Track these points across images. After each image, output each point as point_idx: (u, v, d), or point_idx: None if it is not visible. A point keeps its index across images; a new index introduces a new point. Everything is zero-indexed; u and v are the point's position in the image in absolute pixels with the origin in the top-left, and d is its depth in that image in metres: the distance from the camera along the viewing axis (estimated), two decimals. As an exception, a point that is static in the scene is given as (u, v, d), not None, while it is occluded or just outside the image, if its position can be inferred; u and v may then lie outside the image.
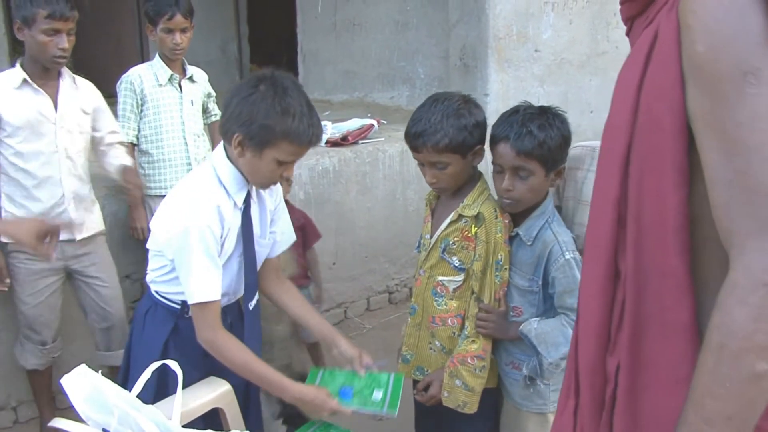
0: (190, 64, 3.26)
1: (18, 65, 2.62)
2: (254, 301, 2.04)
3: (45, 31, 2.51)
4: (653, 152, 1.01)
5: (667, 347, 1.01)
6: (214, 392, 1.85)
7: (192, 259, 1.78)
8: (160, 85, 3.12)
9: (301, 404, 1.91)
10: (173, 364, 1.52)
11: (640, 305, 1.05)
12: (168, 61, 3.14)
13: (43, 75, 2.63)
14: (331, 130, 4.11)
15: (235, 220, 1.90)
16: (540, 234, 1.95)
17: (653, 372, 1.04)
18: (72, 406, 1.41)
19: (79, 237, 2.74)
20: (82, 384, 1.42)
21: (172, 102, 3.13)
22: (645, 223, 1.03)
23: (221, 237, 1.84)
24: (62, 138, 2.65)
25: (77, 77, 2.79)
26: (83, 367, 1.46)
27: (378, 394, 1.97)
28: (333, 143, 3.97)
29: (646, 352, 1.05)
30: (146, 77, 3.10)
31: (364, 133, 4.17)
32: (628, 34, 1.16)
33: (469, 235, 2.00)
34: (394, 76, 5.46)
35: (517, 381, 2.08)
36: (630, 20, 1.14)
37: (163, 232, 1.86)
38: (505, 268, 2.00)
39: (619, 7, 1.16)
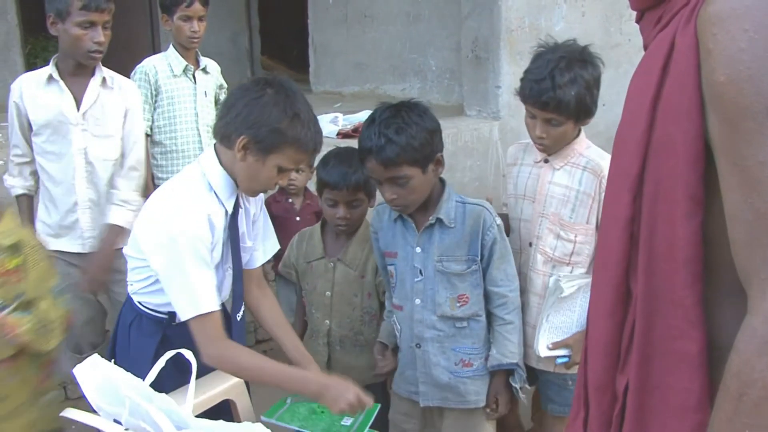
0: (201, 55, 3.26)
1: (51, 62, 2.51)
2: (241, 312, 1.94)
3: (79, 24, 2.36)
4: (667, 177, 0.96)
5: (676, 375, 0.98)
6: (224, 384, 1.86)
7: (185, 271, 1.67)
8: (175, 75, 3.12)
9: (325, 390, 1.71)
10: (187, 353, 1.52)
11: (650, 330, 1.01)
12: (183, 50, 3.14)
13: (75, 72, 2.50)
14: (342, 121, 4.10)
15: (223, 229, 1.81)
16: (461, 212, 1.96)
17: (662, 397, 1.01)
18: (84, 396, 1.42)
19: (88, 251, 2.53)
20: (94, 374, 1.43)
21: (186, 93, 3.13)
22: (657, 248, 0.99)
23: (211, 246, 1.74)
24: (80, 140, 2.49)
25: (117, 77, 2.61)
26: (96, 357, 1.46)
27: (348, 420, 1.85)
28: (344, 135, 3.95)
29: (655, 376, 1.01)
30: (160, 68, 3.10)
31: (375, 125, 4.15)
32: (638, 21, 1.10)
33: None
34: (406, 67, 5.44)
35: (469, 379, 2.04)
36: (640, 10, 1.08)
37: (148, 240, 1.75)
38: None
39: None
